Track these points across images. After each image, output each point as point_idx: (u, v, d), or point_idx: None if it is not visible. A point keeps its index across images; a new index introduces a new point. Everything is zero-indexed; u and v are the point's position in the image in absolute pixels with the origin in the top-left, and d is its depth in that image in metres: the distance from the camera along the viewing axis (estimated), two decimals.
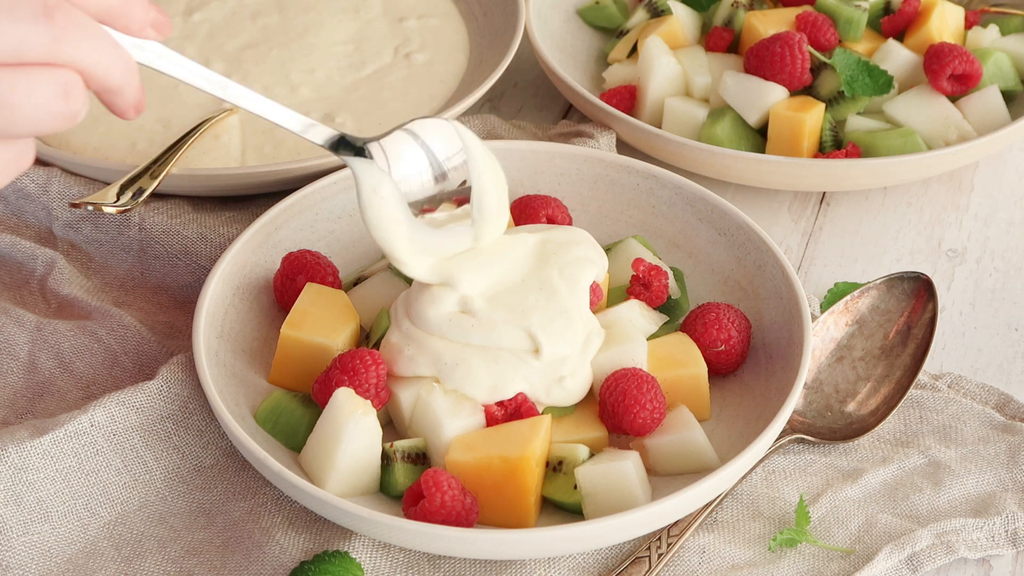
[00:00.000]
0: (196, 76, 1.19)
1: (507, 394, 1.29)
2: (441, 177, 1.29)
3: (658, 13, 1.81)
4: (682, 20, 1.78)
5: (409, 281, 1.41)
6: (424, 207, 1.29)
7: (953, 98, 1.70)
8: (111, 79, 1.06)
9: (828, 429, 1.40)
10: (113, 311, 1.48)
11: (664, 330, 1.41)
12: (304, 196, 1.50)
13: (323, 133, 1.27)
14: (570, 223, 1.50)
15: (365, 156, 1.27)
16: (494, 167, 1.32)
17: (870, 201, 1.72)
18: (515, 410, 1.30)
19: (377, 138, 1.29)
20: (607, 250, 1.47)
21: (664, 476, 1.31)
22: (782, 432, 1.37)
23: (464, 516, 1.22)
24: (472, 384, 1.29)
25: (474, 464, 1.25)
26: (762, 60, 1.67)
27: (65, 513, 1.29)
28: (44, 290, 1.53)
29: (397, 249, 1.29)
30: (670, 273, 1.44)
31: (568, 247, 1.37)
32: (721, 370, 1.40)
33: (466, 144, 1.30)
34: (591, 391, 1.34)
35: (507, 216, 1.35)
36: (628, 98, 1.74)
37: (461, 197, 1.31)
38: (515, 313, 1.31)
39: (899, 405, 1.41)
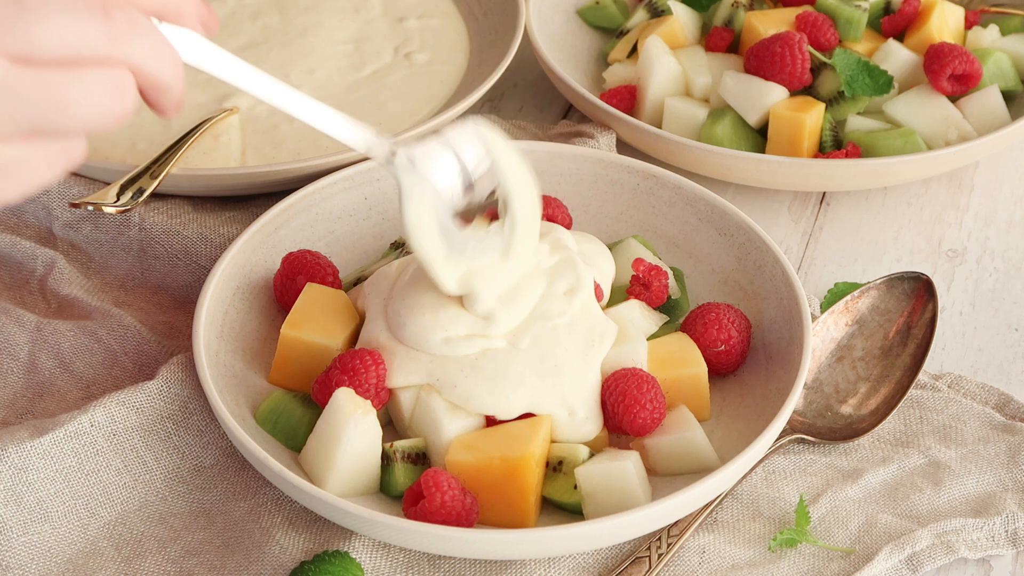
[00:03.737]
0: (241, 75, 1.16)
1: (511, 415, 1.29)
2: (469, 188, 1.27)
3: (658, 13, 1.81)
4: (682, 20, 1.78)
5: None
6: (461, 217, 1.27)
7: (953, 98, 1.70)
8: (162, 77, 1.04)
9: (828, 429, 1.40)
10: (113, 311, 1.48)
11: (664, 330, 1.41)
12: (304, 196, 1.50)
13: (366, 140, 1.25)
14: (570, 223, 1.50)
15: (398, 162, 1.25)
16: (526, 177, 1.30)
17: (870, 201, 1.72)
18: None
19: (414, 145, 1.26)
20: None
21: (664, 476, 1.31)
22: (782, 432, 1.37)
23: (464, 516, 1.22)
24: (474, 403, 1.28)
25: (474, 464, 1.25)
26: (762, 60, 1.67)
27: (65, 513, 1.29)
28: (44, 290, 1.53)
29: (433, 259, 1.27)
30: (670, 273, 1.44)
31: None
32: (721, 370, 1.40)
33: (497, 153, 1.28)
34: None
35: (538, 230, 1.32)
36: (628, 98, 1.74)
37: (492, 210, 1.29)
38: (547, 350, 1.30)
39: (899, 405, 1.41)
